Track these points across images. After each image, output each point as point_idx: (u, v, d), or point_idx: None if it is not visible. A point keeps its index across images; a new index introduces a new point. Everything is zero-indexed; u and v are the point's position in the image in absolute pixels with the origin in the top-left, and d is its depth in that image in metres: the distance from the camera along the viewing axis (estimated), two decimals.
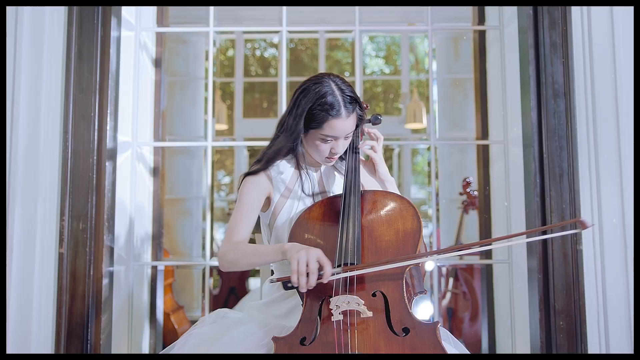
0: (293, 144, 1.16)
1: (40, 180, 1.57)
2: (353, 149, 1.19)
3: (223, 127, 4.63)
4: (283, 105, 1.89)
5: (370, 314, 0.91)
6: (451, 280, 3.24)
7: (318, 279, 0.92)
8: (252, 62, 7.27)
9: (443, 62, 4.75)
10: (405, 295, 0.95)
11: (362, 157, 1.19)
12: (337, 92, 1.12)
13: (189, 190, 4.21)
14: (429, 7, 1.95)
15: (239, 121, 4.89)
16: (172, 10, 2.21)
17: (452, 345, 1.06)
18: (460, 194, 2.84)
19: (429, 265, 3.29)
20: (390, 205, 1.09)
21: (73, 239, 1.55)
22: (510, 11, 1.81)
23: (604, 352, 1.58)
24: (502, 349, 2.01)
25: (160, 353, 1.27)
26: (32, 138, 1.58)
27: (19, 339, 1.57)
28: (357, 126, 1.21)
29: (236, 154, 5.28)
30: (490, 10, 2.02)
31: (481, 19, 2.04)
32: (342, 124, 1.11)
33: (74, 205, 1.55)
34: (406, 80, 5.18)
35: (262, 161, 1.20)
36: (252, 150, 5.64)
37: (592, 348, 1.58)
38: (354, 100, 1.13)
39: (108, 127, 1.60)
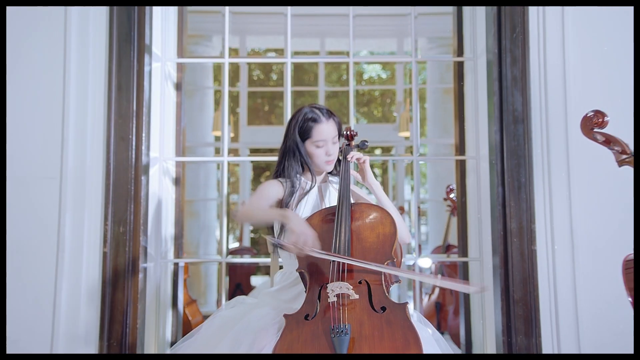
0: (299, 159, 1.52)
1: (87, 191, 1.89)
2: (346, 169, 1.51)
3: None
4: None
5: (357, 296, 1.22)
6: (439, 277, 3.56)
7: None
8: (253, 67, 7.57)
9: (435, 72, 5.06)
10: (383, 283, 1.27)
11: (352, 170, 1.52)
12: (314, 109, 1.53)
13: (196, 193, 4.53)
14: (414, 39, 2.27)
15: (244, 128, 5.20)
16: (190, 24, 2.51)
17: (421, 322, 1.38)
18: (444, 199, 3.16)
19: (426, 262, 3.66)
20: (373, 215, 1.41)
21: (114, 240, 1.87)
22: (481, 47, 2.12)
23: (554, 335, 1.90)
24: (475, 334, 2.33)
25: (186, 335, 1.58)
26: (80, 157, 1.90)
27: (69, 325, 1.88)
28: (345, 139, 1.56)
29: (244, 163, 5.59)
30: (467, 42, 2.33)
31: (460, 51, 2.36)
32: (325, 127, 1.51)
33: (115, 212, 1.87)
34: (400, 89, 5.49)
35: (278, 174, 1.57)
36: (255, 156, 5.95)
37: (545, 332, 1.89)
38: (328, 111, 1.54)
39: (143, 147, 1.92)
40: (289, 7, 2.26)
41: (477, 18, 2.18)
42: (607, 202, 1.87)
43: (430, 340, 1.35)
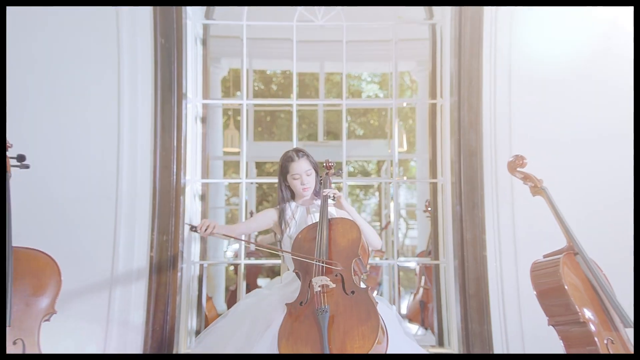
0: (285, 189, 2.10)
1: (137, 208, 2.42)
2: (325, 196, 2.03)
3: (236, 149, 5.50)
4: None
5: (334, 285, 1.72)
6: (423, 278, 4.09)
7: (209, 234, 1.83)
8: (254, 78, 8.12)
9: (426, 89, 5.61)
10: (352, 275, 1.78)
11: (332, 202, 2.05)
12: (292, 152, 2.09)
13: (207, 201, 5.05)
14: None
15: (250, 143, 5.75)
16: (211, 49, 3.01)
17: (382, 302, 1.90)
18: (424, 211, 3.70)
19: (412, 264, 4.15)
20: (344, 226, 1.94)
21: (159, 246, 2.40)
22: (447, 92, 2.67)
23: (502, 323, 2.42)
24: (444, 323, 2.85)
25: (221, 316, 2.10)
26: (131, 181, 2.43)
27: (121, 314, 2.40)
28: (325, 169, 2.08)
29: (249, 173, 6.12)
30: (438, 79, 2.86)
31: (433, 93, 2.90)
32: (298, 164, 2.06)
33: (160, 225, 2.40)
34: (394, 107, 6.02)
35: (278, 202, 2.12)
36: (259, 169, 6.50)
37: (494, 320, 2.41)
38: (302, 153, 2.09)
39: (181, 174, 2.45)
40: (294, 36, 2.78)
41: (444, 68, 2.72)
42: (540, 217, 2.38)
43: (393, 318, 1.88)
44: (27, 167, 1.78)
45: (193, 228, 1.87)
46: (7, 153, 1.74)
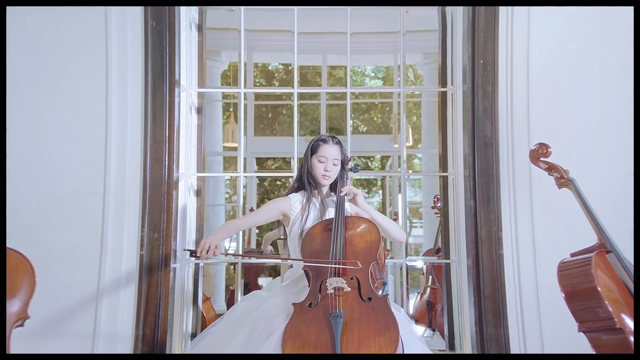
0: (306, 173, 1.88)
1: (126, 204, 2.25)
2: (340, 192, 1.86)
3: (236, 144, 5.34)
4: (295, 156, 2.59)
5: (349, 289, 1.57)
6: (430, 277, 3.92)
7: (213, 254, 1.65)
8: (256, 74, 7.96)
9: (431, 82, 5.43)
10: (369, 279, 1.62)
11: (348, 199, 1.87)
12: (327, 135, 1.92)
13: (205, 199, 4.89)
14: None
15: (250, 139, 5.58)
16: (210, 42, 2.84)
17: (398, 310, 1.73)
18: (432, 207, 3.52)
19: (419, 263, 3.98)
20: (362, 226, 1.77)
21: (150, 244, 2.23)
22: (459, 80, 2.48)
23: (520, 325, 2.24)
24: (456, 326, 2.67)
25: (213, 322, 1.93)
26: (120, 175, 2.26)
27: (109, 316, 2.23)
28: (342, 167, 1.90)
29: (249, 169, 5.96)
30: (449, 67, 2.68)
31: (444, 82, 2.72)
32: (329, 149, 1.88)
33: (150, 221, 2.23)
34: (396, 103, 5.86)
35: (289, 191, 1.95)
36: (260, 166, 6.33)
37: (512, 324, 2.24)
38: (336, 140, 1.92)
39: (174, 166, 2.28)
40: (295, 27, 2.61)
41: (456, 53, 2.54)
42: (563, 212, 2.21)
43: (403, 319, 1.72)
44: None
45: (193, 254, 1.69)
46: None
